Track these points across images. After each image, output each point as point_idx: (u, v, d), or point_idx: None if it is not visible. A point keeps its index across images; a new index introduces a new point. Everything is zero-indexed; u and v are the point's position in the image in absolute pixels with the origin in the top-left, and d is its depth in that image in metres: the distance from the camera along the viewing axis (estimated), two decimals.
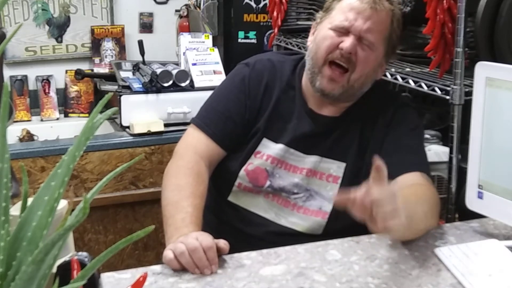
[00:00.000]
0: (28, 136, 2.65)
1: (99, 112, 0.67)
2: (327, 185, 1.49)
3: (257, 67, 1.56)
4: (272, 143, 1.50)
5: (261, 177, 1.49)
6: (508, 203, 1.28)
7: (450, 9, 1.56)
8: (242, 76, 1.56)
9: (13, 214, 0.66)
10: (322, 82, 1.45)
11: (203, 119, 1.54)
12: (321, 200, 1.48)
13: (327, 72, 1.44)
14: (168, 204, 1.37)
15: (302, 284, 1.17)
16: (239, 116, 1.52)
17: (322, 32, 1.46)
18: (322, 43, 1.44)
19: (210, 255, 1.20)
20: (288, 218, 1.49)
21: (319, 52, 1.45)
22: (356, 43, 1.42)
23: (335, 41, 1.43)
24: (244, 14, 2.70)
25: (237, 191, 1.51)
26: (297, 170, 1.49)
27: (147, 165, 2.34)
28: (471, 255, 1.23)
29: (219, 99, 1.57)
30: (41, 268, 0.63)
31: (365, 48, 1.43)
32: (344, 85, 1.44)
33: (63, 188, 0.65)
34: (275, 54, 1.65)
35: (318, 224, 1.48)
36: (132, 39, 2.92)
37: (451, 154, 1.60)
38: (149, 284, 1.16)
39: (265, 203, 1.50)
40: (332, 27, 1.44)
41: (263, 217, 1.50)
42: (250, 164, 1.50)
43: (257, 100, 1.53)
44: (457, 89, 1.54)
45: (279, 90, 1.53)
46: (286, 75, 1.55)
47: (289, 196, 1.49)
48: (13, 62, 2.81)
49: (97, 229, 2.34)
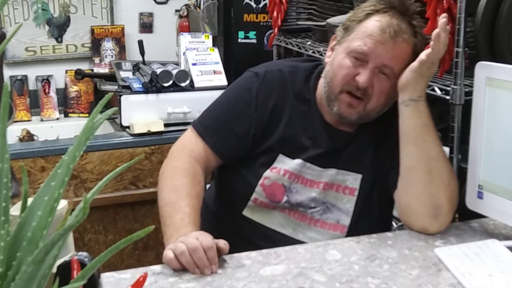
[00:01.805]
0: (28, 136, 2.65)
1: (99, 112, 0.67)
2: (344, 197, 1.46)
3: (267, 78, 1.50)
4: (288, 159, 1.46)
5: (278, 193, 1.45)
6: (508, 203, 1.28)
7: (450, 9, 1.56)
8: (250, 87, 1.49)
9: (13, 214, 0.66)
10: (340, 107, 1.41)
11: (206, 128, 1.49)
12: (338, 213, 1.46)
13: (345, 99, 1.40)
14: (165, 204, 1.36)
15: (302, 284, 1.17)
16: (242, 129, 1.47)
17: (339, 58, 1.40)
18: (339, 72, 1.39)
19: (210, 255, 1.19)
20: (306, 233, 1.46)
21: (335, 80, 1.40)
22: (373, 75, 1.37)
23: (351, 72, 1.38)
24: (244, 14, 2.70)
25: (252, 206, 1.48)
26: (314, 184, 1.46)
27: (147, 165, 2.34)
28: (471, 255, 1.23)
29: (223, 108, 1.51)
30: (41, 268, 0.63)
31: (383, 79, 1.38)
32: (361, 111, 1.41)
33: (63, 188, 0.65)
34: (286, 63, 1.58)
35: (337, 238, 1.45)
36: (132, 39, 2.92)
37: (451, 154, 1.60)
38: (149, 284, 1.16)
39: (281, 218, 1.47)
40: (351, 53, 1.38)
41: (281, 233, 1.47)
42: (266, 178, 1.46)
43: (265, 114, 1.47)
44: (457, 89, 1.54)
45: (290, 105, 1.48)
46: (298, 87, 1.50)
47: (306, 211, 1.46)
48: (13, 62, 2.81)
49: (97, 229, 2.34)
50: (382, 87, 1.38)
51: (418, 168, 1.35)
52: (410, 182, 1.37)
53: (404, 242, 1.34)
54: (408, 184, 1.38)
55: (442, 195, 1.35)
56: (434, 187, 1.35)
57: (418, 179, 1.35)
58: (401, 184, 1.39)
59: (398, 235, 1.39)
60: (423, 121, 1.35)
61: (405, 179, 1.38)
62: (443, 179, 1.35)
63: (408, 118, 1.36)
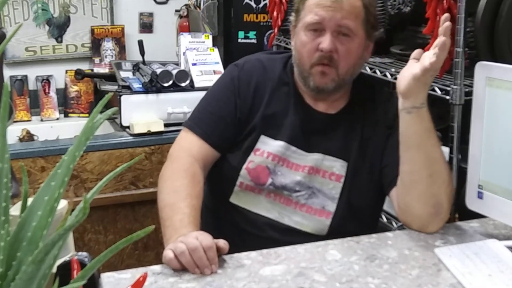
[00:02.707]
0: (28, 136, 2.64)
1: (99, 112, 0.67)
2: (330, 183, 1.48)
3: (246, 67, 1.57)
4: (270, 139, 1.50)
5: (263, 175, 1.49)
6: (508, 203, 1.28)
7: (450, 9, 1.56)
8: (231, 77, 1.56)
9: (13, 214, 0.66)
10: (315, 80, 1.45)
11: (195, 120, 1.55)
12: (324, 198, 1.48)
13: (317, 70, 1.44)
14: (165, 206, 1.37)
15: (302, 284, 1.17)
16: (230, 115, 1.52)
17: (299, 37, 1.46)
18: (303, 49, 1.45)
19: (210, 254, 1.20)
20: (292, 217, 1.49)
21: (302, 58, 1.46)
22: (334, 39, 1.41)
23: (313, 45, 1.43)
24: (244, 14, 2.70)
25: (238, 191, 1.51)
26: (299, 168, 1.49)
27: (147, 165, 2.34)
28: (471, 255, 1.23)
29: (209, 100, 1.58)
30: (41, 268, 0.63)
31: (344, 41, 1.42)
32: (335, 78, 1.44)
33: (63, 188, 0.65)
34: (263, 54, 1.65)
35: (323, 224, 1.47)
36: (132, 39, 2.92)
37: (451, 154, 1.60)
38: (149, 284, 1.16)
39: (267, 203, 1.50)
40: (307, 27, 1.44)
41: (267, 217, 1.49)
42: (251, 162, 1.49)
43: (247, 99, 1.52)
44: (457, 89, 1.54)
45: (271, 88, 1.53)
46: (277, 72, 1.55)
47: (291, 195, 1.49)
48: (13, 62, 2.81)
49: (97, 229, 2.34)
50: (347, 49, 1.43)
51: (420, 171, 1.36)
52: (412, 184, 1.38)
53: (404, 242, 1.35)
54: (410, 186, 1.39)
55: (443, 194, 1.36)
56: (436, 188, 1.36)
57: (421, 182, 1.36)
58: (402, 186, 1.40)
59: (398, 235, 1.39)
60: (426, 126, 1.36)
61: (407, 182, 1.39)
62: (443, 179, 1.37)
63: (410, 124, 1.37)
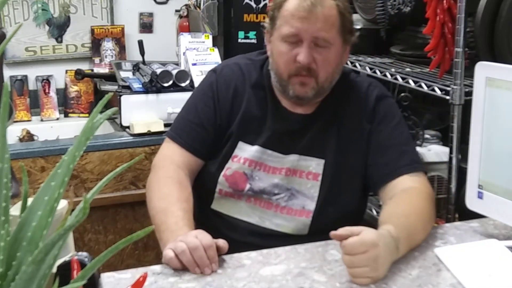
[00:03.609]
0: (28, 136, 2.64)
1: (99, 112, 0.67)
2: (308, 182, 1.48)
3: (224, 72, 1.56)
4: (248, 145, 1.50)
5: (241, 181, 1.49)
6: (508, 203, 1.28)
7: (450, 9, 1.56)
8: (209, 83, 1.56)
9: (13, 214, 0.66)
10: (294, 89, 1.44)
11: (176, 130, 1.55)
12: (303, 198, 1.48)
13: (295, 80, 1.43)
14: (157, 212, 1.37)
15: (302, 284, 1.17)
16: (210, 122, 1.52)
17: (276, 47, 1.45)
18: (280, 60, 1.44)
19: (210, 253, 1.20)
20: (273, 220, 1.48)
21: (279, 68, 1.45)
22: (311, 50, 1.40)
23: (291, 56, 1.41)
24: (244, 14, 2.70)
25: (219, 198, 1.51)
26: (276, 170, 1.49)
27: (147, 165, 2.34)
28: (471, 255, 1.23)
29: (189, 109, 1.58)
30: (41, 268, 0.63)
31: (322, 51, 1.41)
32: (314, 87, 1.44)
33: (63, 188, 0.65)
34: (242, 57, 1.63)
35: (303, 224, 1.47)
36: (132, 39, 2.92)
37: (451, 154, 1.61)
38: (149, 284, 1.16)
39: (247, 208, 1.50)
40: (283, 38, 1.42)
41: (247, 222, 1.49)
42: (228, 169, 1.49)
43: (226, 105, 1.52)
44: (457, 89, 1.54)
45: (248, 92, 1.53)
46: (254, 77, 1.54)
47: (270, 198, 1.48)
48: (13, 62, 2.81)
49: (97, 229, 2.33)
50: (325, 58, 1.42)
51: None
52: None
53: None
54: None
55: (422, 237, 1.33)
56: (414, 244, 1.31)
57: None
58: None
59: None
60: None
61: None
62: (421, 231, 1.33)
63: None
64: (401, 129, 1.51)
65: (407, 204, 1.35)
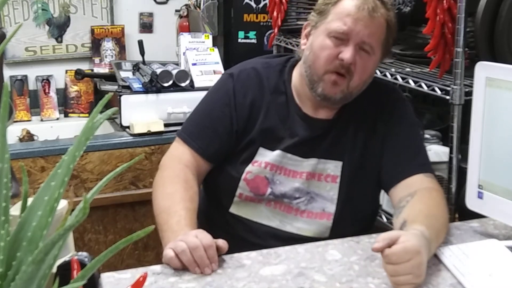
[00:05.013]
0: (28, 136, 2.64)
1: (99, 112, 0.67)
2: (327, 185, 1.48)
3: (241, 77, 1.53)
4: (268, 151, 1.49)
5: (262, 185, 1.48)
6: (508, 203, 1.28)
7: (450, 9, 1.56)
8: (226, 89, 1.52)
9: (13, 214, 0.66)
10: (325, 87, 1.42)
11: (188, 133, 1.53)
12: (323, 201, 1.48)
13: (330, 78, 1.41)
14: (160, 212, 1.37)
15: (302, 284, 1.17)
16: (225, 130, 1.49)
17: (319, 40, 1.42)
18: (321, 53, 1.41)
19: (210, 253, 1.20)
20: (293, 224, 1.48)
21: (317, 62, 1.42)
22: (355, 53, 1.39)
23: (334, 52, 1.40)
24: (244, 14, 2.70)
25: (238, 202, 1.50)
26: (297, 174, 1.48)
27: (147, 165, 2.34)
28: (471, 255, 1.23)
29: (204, 113, 1.55)
30: (41, 268, 0.63)
31: (364, 56, 1.40)
32: (344, 90, 1.42)
33: (63, 188, 0.65)
34: (259, 60, 1.60)
35: (324, 227, 1.47)
36: (132, 39, 2.92)
37: (451, 154, 1.60)
38: (149, 284, 1.16)
39: (268, 212, 1.49)
40: (331, 33, 1.40)
41: (268, 226, 1.48)
42: (248, 173, 1.48)
43: (244, 111, 1.50)
44: (457, 89, 1.54)
45: (268, 98, 1.51)
46: (273, 82, 1.52)
47: (291, 202, 1.48)
48: (13, 62, 2.81)
49: (97, 229, 2.34)
50: (364, 64, 1.41)
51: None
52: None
53: None
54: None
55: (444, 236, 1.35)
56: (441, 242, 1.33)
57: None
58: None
59: None
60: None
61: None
62: (444, 229, 1.35)
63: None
64: (416, 132, 1.54)
65: (432, 205, 1.35)
